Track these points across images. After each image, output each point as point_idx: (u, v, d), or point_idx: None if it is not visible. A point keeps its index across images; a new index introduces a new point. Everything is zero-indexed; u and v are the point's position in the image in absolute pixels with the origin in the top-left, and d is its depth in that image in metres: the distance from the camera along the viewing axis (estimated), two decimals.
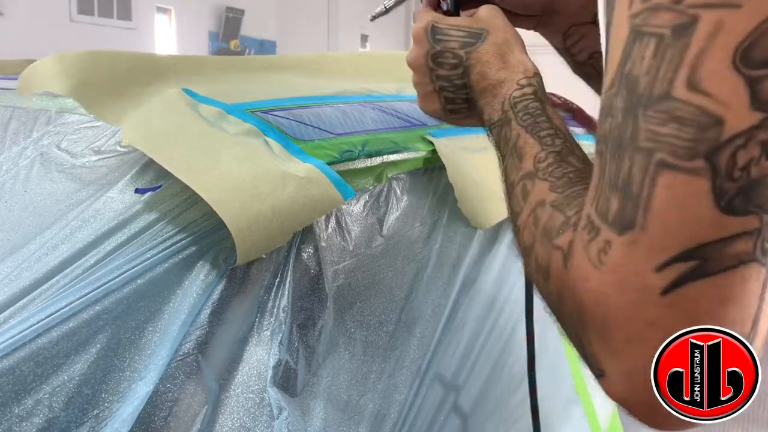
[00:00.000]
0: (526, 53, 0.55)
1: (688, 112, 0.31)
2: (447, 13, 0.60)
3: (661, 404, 0.38)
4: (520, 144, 0.48)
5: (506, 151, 0.50)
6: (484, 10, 0.57)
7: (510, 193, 0.48)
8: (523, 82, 0.52)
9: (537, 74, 0.53)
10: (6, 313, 0.64)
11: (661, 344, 0.35)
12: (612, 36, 0.36)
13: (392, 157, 0.88)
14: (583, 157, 0.45)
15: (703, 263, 0.32)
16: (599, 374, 0.37)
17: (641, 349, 0.35)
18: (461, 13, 0.60)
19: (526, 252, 0.43)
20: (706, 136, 0.31)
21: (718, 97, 0.31)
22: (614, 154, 0.35)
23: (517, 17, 0.60)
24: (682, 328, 0.35)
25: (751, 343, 0.36)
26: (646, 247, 0.33)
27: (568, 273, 0.37)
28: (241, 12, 9.35)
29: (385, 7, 0.74)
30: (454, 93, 0.57)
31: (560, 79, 0.83)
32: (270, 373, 0.68)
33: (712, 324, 0.35)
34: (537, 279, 0.42)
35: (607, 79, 0.36)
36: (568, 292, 0.37)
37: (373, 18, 0.76)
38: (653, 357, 0.35)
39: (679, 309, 0.34)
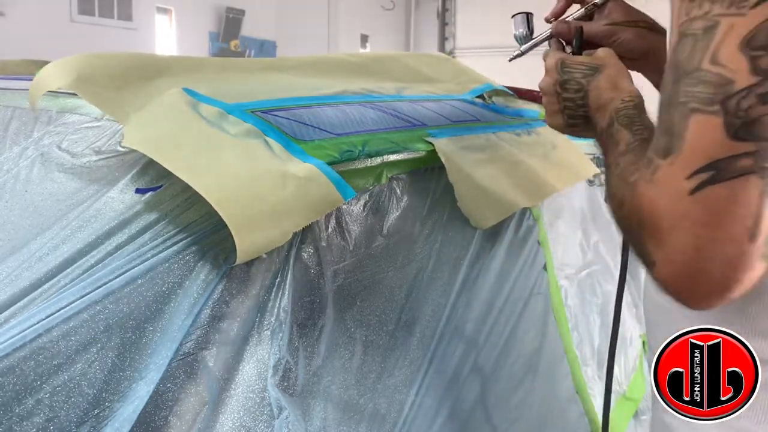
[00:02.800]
0: (632, 82, 0.72)
1: (711, 77, 0.49)
2: (572, 53, 0.82)
3: (698, 283, 0.50)
4: (617, 136, 0.64)
5: (609, 143, 0.66)
6: (602, 51, 0.77)
7: (607, 171, 0.63)
8: (627, 98, 0.68)
9: (639, 95, 0.69)
10: (6, 313, 0.64)
11: (691, 231, 0.49)
12: (669, 43, 0.55)
13: (392, 157, 0.88)
14: None
15: (717, 173, 0.48)
16: (651, 265, 0.53)
17: (679, 235, 0.50)
18: (583, 53, 0.81)
19: (614, 200, 0.59)
20: (722, 90, 0.49)
21: (731, 67, 0.49)
22: (664, 111, 0.52)
23: (622, 59, 0.77)
24: (704, 218, 0.48)
25: (753, 237, 0.48)
26: (680, 164, 0.50)
27: (634, 196, 0.53)
28: (242, 12, 9.34)
29: (521, 51, 0.95)
30: (575, 111, 0.75)
31: None
32: (270, 372, 0.68)
33: (725, 217, 0.48)
34: (617, 214, 0.58)
35: (665, 69, 0.54)
36: (633, 210, 0.54)
37: (512, 59, 0.97)
38: (688, 243, 0.49)
39: (702, 204, 0.48)
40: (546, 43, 0.88)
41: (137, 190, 0.77)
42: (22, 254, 0.73)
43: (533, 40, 0.92)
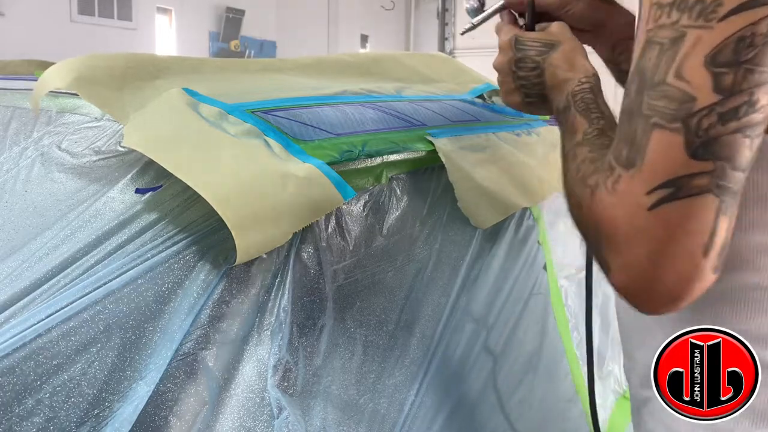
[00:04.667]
0: (587, 59, 0.72)
1: (674, 92, 0.48)
2: (524, 28, 0.80)
3: (652, 292, 0.52)
4: (575, 123, 0.64)
5: (565, 129, 0.66)
6: (556, 26, 0.76)
7: (564, 159, 0.63)
8: (583, 80, 0.68)
9: (595, 75, 0.69)
10: (6, 313, 0.64)
11: (648, 245, 0.50)
12: (635, 44, 0.53)
13: (392, 157, 0.88)
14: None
15: (676, 190, 0.48)
16: (607, 270, 0.53)
17: (636, 248, 0.50)
18: (536, 27, 0.79)
19: (572, 198, 0.59)
20: (684, 107, 0.48)
21: (694, 83, 0.48)
22: (626, 119, 0.52)
23: (572, 30, 0.77)
24: (662, 234, 0.49)
25: (707, 253, 0.49)
26: (641, 179, 0.49)
27: (593, 202, 0.53)
28: (242, 12, 9.35)
29: (473, 24, 0.92)
30: (531, 89, 0.75)
31: None
32: (270, 373, 0.68)
33: (681, 233, 0.49)
34: (574, 214, 0.58)
35: (629, 73, 0.53)
36: (592, 216, 0.53)
37: (464, 32, 0.95)
38: (643, 254, 0.50)
39: (660, 220, 0.49)
40: (499, 16, 0.86)
41: (137, 190, 0.77)
42: (22, 254, 0.73)
43: (485, 12, 0.90)
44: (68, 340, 0.60)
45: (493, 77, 1.44)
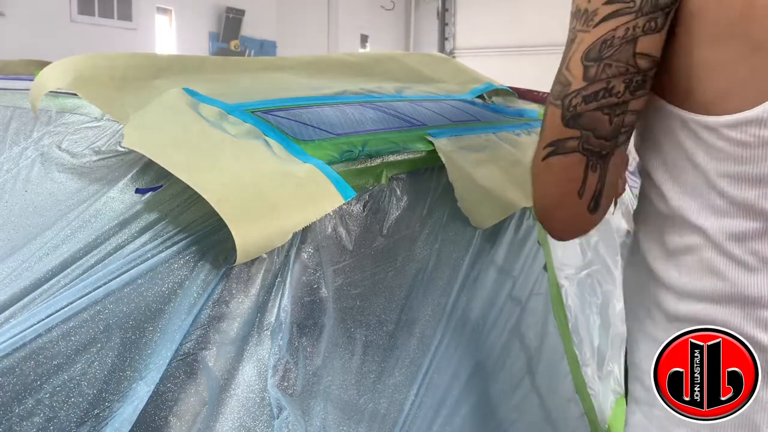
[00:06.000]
0: None
1: (562, 78, 0.65)
2: None
3: (551, 221, 0.71)
4: None
5: None
6: None
7: None
8: None
9: None
10: (6, 313, 0.64)
11: (541, 187, 0.69)
12: None
13: (392, 157, 0.88)
14: None
15: (556, 148, 0.66)
16: (533, 204, 0.73)
17: (537, 188, 0.70)
18: None
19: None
20: (564, 89, 0.65)
21: (573, 73, 0.64)
22: None
23: None
24: (550, 180, 0.68)
25: (582, 195, 0.66)
26: (541, 138, 0.68)
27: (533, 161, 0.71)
28: (242, 12, 9.34)
29: None
30: None
31: None
32: (270, 373, 0.68)
33: (561, 179, 0.67)
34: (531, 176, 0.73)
35: None
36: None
37: None
38: (539, 195, 0.71)
39: (547, 167, 0.67)
40: None
41: (137, 190, 0.77)
42: (22, 254, 0.73)
43: None
44: (68, 340, 0.60)
45: (492, 77, 1.44)
